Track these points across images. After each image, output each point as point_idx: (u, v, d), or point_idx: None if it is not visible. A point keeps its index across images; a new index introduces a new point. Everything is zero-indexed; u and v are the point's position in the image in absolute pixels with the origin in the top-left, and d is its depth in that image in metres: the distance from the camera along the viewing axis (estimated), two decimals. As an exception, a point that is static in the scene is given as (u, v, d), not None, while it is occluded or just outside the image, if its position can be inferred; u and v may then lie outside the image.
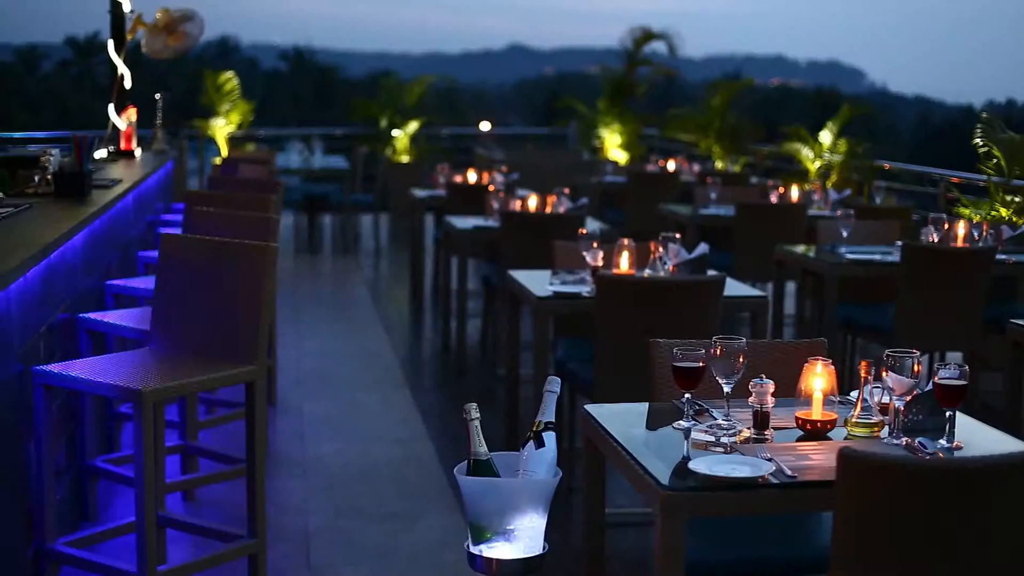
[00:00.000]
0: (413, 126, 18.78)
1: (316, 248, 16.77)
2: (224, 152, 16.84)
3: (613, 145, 18.71)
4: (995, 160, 10.35)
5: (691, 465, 3.42)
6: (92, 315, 5.76)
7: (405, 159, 18.33)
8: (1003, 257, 8.08)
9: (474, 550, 3.29)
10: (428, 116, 19.51)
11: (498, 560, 3.26)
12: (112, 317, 5.74)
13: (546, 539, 3.30)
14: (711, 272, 6.55)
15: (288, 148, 17.69)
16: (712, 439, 3.67)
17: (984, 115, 10.75)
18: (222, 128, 17.15)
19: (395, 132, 18.68)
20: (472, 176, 12.35)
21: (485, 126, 22.43)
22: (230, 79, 17.40)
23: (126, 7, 9.81)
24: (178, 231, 7.16)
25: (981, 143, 10.48)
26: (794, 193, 11.09)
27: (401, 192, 15.55)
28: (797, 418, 3.83)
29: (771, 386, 3.76)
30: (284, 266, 14.20)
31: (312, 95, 59.27)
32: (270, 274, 4.90)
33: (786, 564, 3.93)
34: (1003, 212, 10.17)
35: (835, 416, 3.82)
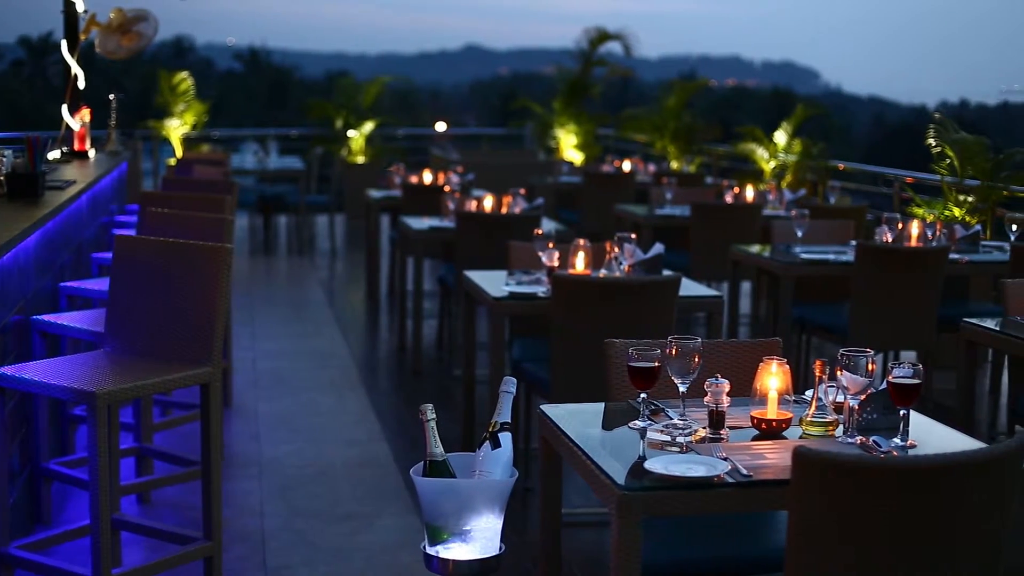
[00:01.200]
0: (369, 127, 18.74)
1: (271, 249, 16.72)
2: (179, 153, 16.76)
3: (569, 145, 18.72)
4: (948, 160, 10.43)
5: (647, 465, 3.43)
6: (46, 317, 5.73)
7: (361, 160, 18.29)
8: (956, 257, 8.13)
9: (430, 551, 3.29)
10: (384, 117, 19.47)
11: (454, 561, 3.26)
12: (66, 319, 5.71)
13: (502, 539, 3.30)
14: (666, 272, 6.57)
15: (243, 149, 17.61)
16: (668, 439, 3.68)
17: (937, 116, 10.83)
18: (177, 129, 17.07)
19: (351, 133, 18.63)
20: (428, 177, 12.33)
21: (441, 127, 22.40)
22: (185, 79, 17.31)
23: (80, 7, 9.75)
24: (132, 232, 7.13)
25: (934, 143, 10.56)
26: (749, 193, 11.13)
27: (357, 193, 15.52)
28: (752, 417, 3.84)
29: (726, 385, 3.77)
30: (239, 267, 14.17)
31: (267, 96, 59.02)
32: (225, 275, 4.88)
33: (742, 563, 3.94)
34: (956, 212, 10.24)
35: (790, 415, 3.84)
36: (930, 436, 3.81)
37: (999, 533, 3.20)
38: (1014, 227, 8.33)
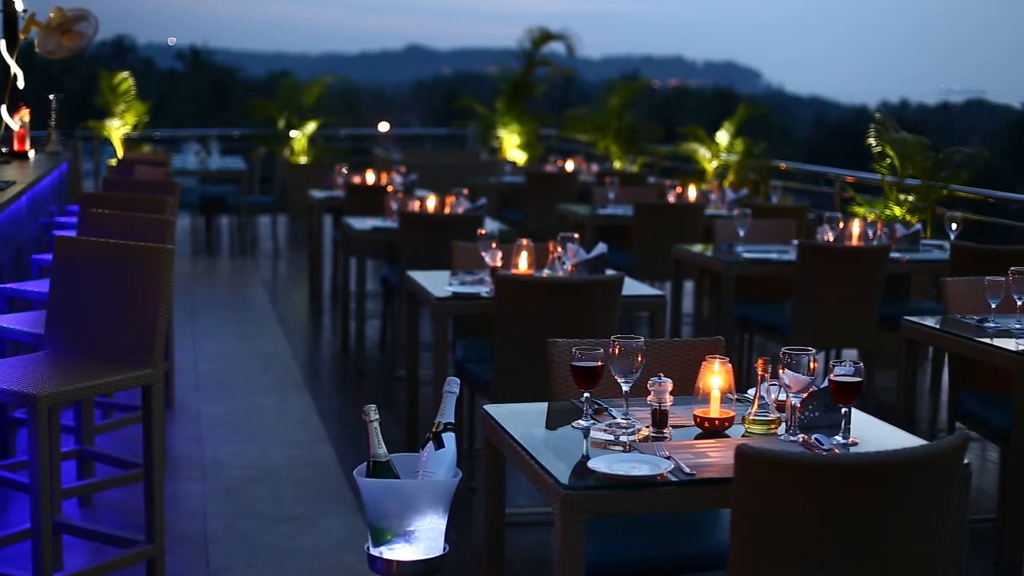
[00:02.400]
0: (311, 127, 18.70)
1: (213, 250, 16.65)
2: (120, 153, 16.66)
3: (511, 145, 18.73)
4: (888, 160, 10.51)
5: (590, 464, 3.44)
6: (-15, 319, 5.68)
7: (303, 160, 18.24)
8: (897, 255, 8.19)
9: (374, 552, 3.28)
10: (326, 117, 19.43)
11: (398, 561, 3.26)
12: (5, 321, 5.67)
13: (446, 540, 3.31)
14: (609, 272, 6.58)
15: (185, 149, 17.53)
16: (611, 438, 3.69)
17: (878, 116, 10.91)
18: (117, 129, 16.97)
19: (293, 133, 18.58)
20: (370, 177, 12.30)
21: (383, 127, 22.37)
22: (125, 79, 17.21)
23: (19, 6, 9.66)
24: (73, 233, 7.08)
25: (875, 143, 10.64)
26: (691, 193, 11.17)
27: (299, 193, 15.47)
28: (695, 416, 3.85)
29: (669, 384, 3.78)
30: (181, 268, 14.09)
31: (209, 96, 58.70)
32: (167, 276, 4.85)
33: (686, 561, 3.95)
34: (897, 211, 10.31)
35: (733, 414, 3.85)
36: (871, 434, 3.83)
37: (940, 530, 3.22)
38: (954, 226, 8.40)
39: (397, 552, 3.26)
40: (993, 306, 5.75)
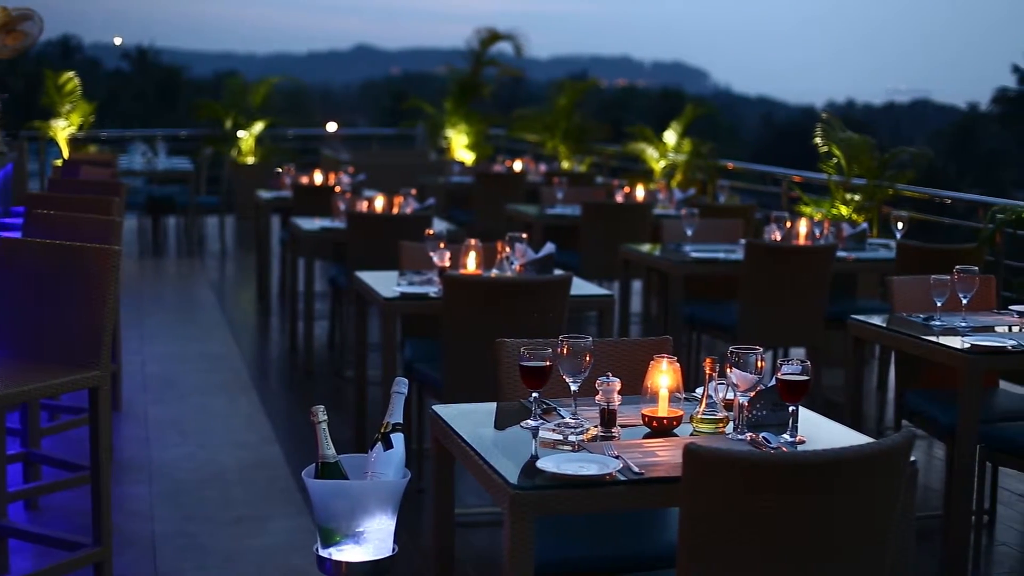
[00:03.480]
0: (258, 127, 18.63)
1: (160, 251, 16.57)
2: (65, 154, 16.56)
3: (460, 145, 18.72)
4: (835, 159, 10.57)
5: (539, 464, 3.44)
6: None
7: (250, 160, 18.18)
8: (843, 254, 8.24)
9: (323, 553, 3.27)
10: (273, 117, 19.35)
11: (347, 563, 3.25)
12: (-50, 323, 5.62)
13: (395, 540, 3.30)
14: (557, 271, 6.59)
15: (131, 149, 17.40)
16: (560, 437, 3.69)
17: (824, 115, 10.98)
18: (63, 129, 16.86)
19: (240, 133, 18.51)
20: (318, 177, 12.28)
21: (331, 127, 22.32)
22: (71, 79, 17.10)
23: (-38, 6, 9.60)
24: (18, 235, 7.03)
25: (821, 143, 10.70)
26: (639, 192, 11.20)
27: (247, 194, 15.42)
28: (643, 415, 3.86)
29: (617, 384, 3.79)
30: (128, 269, 14.02)
31: (156, 96, 58.42)
32: (113, 278, 4.83)
33: (635, 560, 3.96)
34: (843, 210, 10.37)
35: (681, 413, 3.86)
36: (819, 432, 3.85)
37: (887, 526, 3.24)
38: (900, 225, 8.46)
39: (346, 553, 3.25)
40: (939, 304, 5.79)
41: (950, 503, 5.65)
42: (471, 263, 6.63)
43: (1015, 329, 5.80)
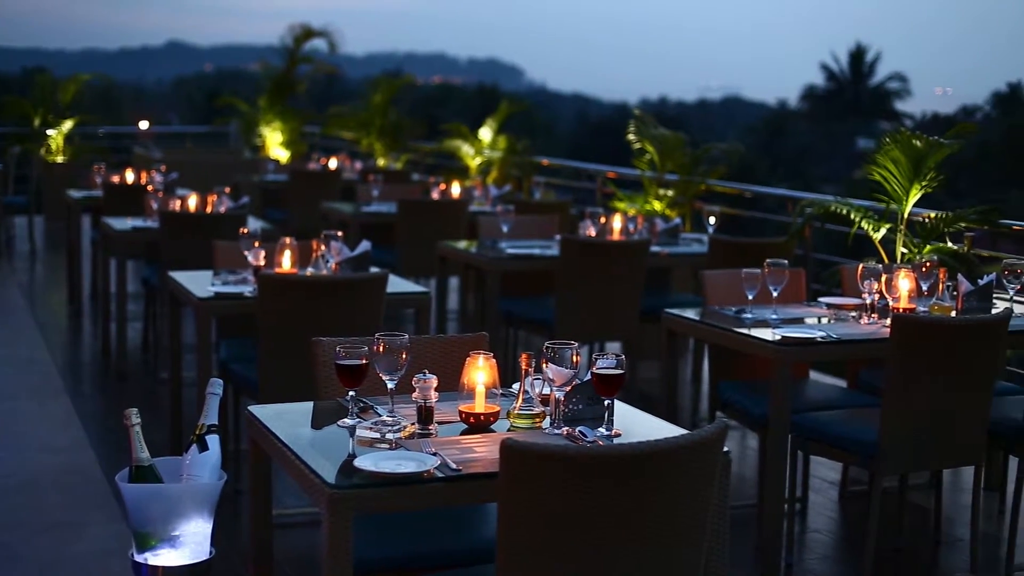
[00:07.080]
0: (68, 125, 18.29)
1: (-33, 252, 16.19)
2: None
3: (274, 143, 18.60)
4: (648, 156, 10.71)
5: (356, 463, 3.43)
6: None
7: (60, 159, 17.85)
8: (657, 249, 8.36)
9: (139, 558, 3.23)
10: (84, 115, 19.00)
11: (164, 567, 3.21)
12: None
13: (213, 543, 3.27)
14: (374, 269, 6.59)
15: (-65, 149, 17.02)
16: (377, 436, 3.69)
17: (637, 112, 11.12)
18: None
19: (49, 131, 18.16)
20: (130, 176, 12.08)
21: (143, 124, 22.04)
22: None
23: None
24: None
25: (635, 139, 10.84)
26: (455, 190, 11.23)
27: (56, 193, 15.14)
28: (461, 412, 3.87)
29: (434, 381, 3.80)
30: (-67, 272, 13.67)
31: (-40, 93, 57.17)
32: (-84, 280, 4.71)
33: (455, 556, 3.97)
34: (656, 206, 10.52)
35: (498, 408, 3.88)
36: (635, 424, 3.90)
37: (703, 516, 3.29)
38: (712, 219, 8.60)
39: (162, 558, 3.21)
40: (750, 297, 5.89)
41: (763, 491, 5.77)
42: (286, 262, 6.58)
43: (824, 320, 5.94)
